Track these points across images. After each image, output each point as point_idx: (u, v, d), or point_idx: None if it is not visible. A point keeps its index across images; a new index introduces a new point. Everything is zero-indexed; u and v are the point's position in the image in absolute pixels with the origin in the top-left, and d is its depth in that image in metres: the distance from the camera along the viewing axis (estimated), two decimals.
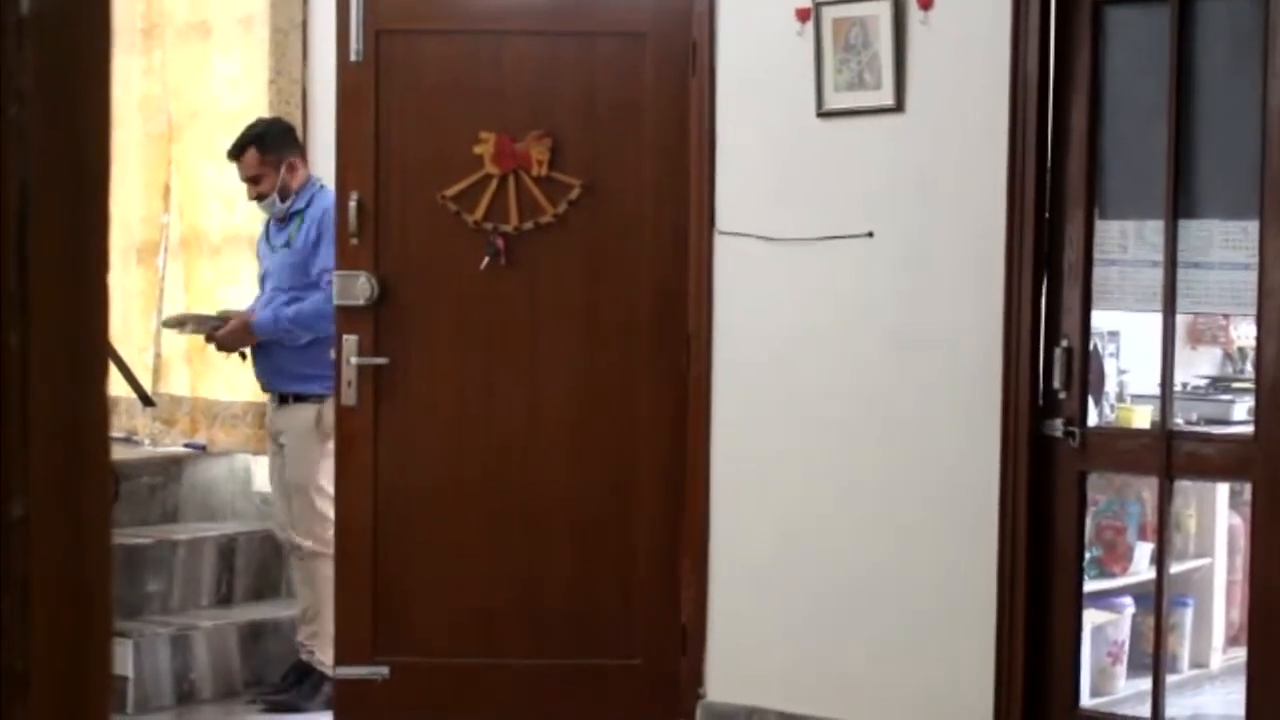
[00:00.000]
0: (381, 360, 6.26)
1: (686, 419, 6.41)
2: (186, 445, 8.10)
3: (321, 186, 6.92)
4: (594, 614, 6.43)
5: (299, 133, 7.62)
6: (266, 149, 6.99)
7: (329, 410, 6.62)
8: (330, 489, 6.56)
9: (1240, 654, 6.32)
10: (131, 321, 8.27)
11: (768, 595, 6.33)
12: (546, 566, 6.40)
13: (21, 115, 1.11)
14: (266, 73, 7.82)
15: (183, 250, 8.17)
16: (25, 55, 1.12)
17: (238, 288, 7.88)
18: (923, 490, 5.96)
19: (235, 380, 7.84)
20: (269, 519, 7.49)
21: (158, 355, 8.18)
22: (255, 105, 7.84)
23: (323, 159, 6.97)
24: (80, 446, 1.15)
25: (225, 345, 7.04)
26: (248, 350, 7.06)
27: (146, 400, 7.36)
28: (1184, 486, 6.78)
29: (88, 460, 1.16)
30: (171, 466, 7.92)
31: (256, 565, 7.70)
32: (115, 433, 7.04)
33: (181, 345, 8.09)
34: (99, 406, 1.17)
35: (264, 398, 7.44)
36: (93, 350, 1.17)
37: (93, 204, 1.16)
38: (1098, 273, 5.64)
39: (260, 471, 7.97)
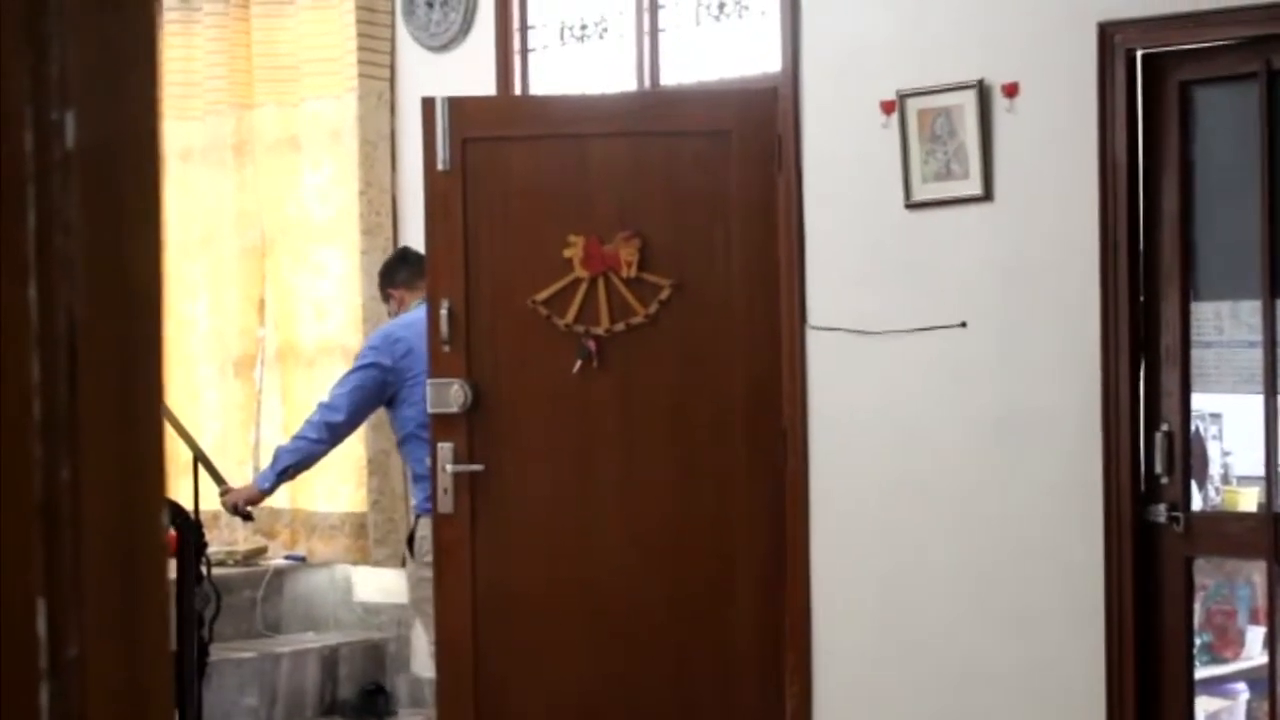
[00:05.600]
0: (477, 467, 6.23)
1: (784, 515, 6.36)
2: (287, 557, 8.11)
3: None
4: (698, 710, 6.36)
5: (391, 243, 7.68)
6: (381, 284, 7.13)
7: (421, 525, 6.67)
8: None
9: None
10: (230, 435, 8.32)
11: (872, 688, 6.26)
12: (647, 668, 6.34)
13: (68, 247, 1.10)
14: (357, 184, 7.87)
15: (279, 362, 8.22)
16: (71, 188, 1.11)
17: None
18: (1026, 580, 5.89)
19: (334, 491, 7.86)
20: (372, 629, 7.48)
21: (256, 468, 8.20)
22: (346, 216, 7.90)
23: None
24: (136, 581, 1.13)
25: (229, 504, 7.08)
26: (252, 509, 7.11)
27: (246, 516, 7.37)
28: None
29: (144, 595, 1.14)
30: (273, 579, 7.93)
31: (360, 675, 7.69)
32: (214, 547, 7.07)
33: None
34: (155, 538, 1.15)
35: (362, 507, 7.46)
36: (148, 481, 1.15)
37: (145, 331, 1.15)
38: (1195, 355, 5.58)
39: (361, 581, 7.98)
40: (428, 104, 6.20)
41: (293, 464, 6.92)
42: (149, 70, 1.17)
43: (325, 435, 6.87)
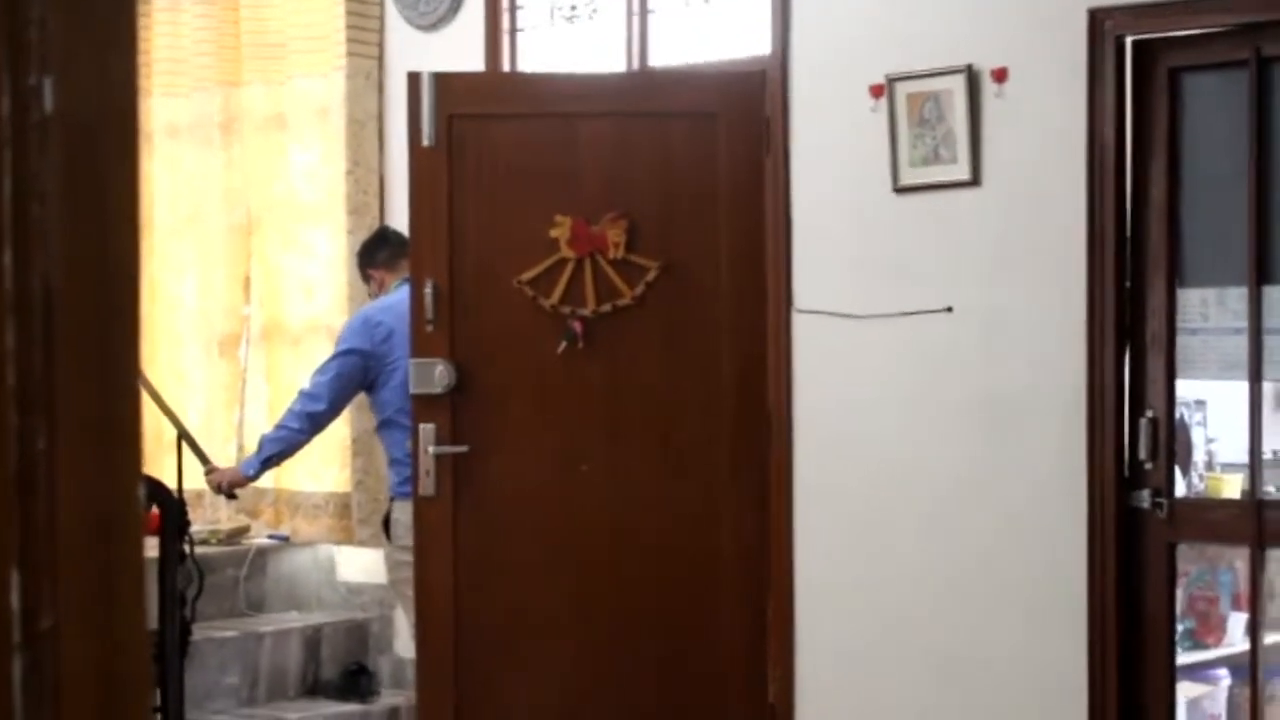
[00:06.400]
0: (461, 449, 6.22)
1: (769, 498, 6.36)
2: (270, 536, 8.10)
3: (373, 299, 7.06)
4: (681, 696, 6.36)
5: (378, 223, 7.67)
6: (360, 264, 7.14)
7: (396, 509, 6.69)
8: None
9: None
10: (215, 414, 8.30)
11: (855, 673, 6.26)
12: (630, 651, 6.34)
13: (45, 214, 1.09)
14: (344, 163, 7.85)
15: (264, 341, 8.20)
16: (49, 155, 1.10)
17: None
18: (1010, 565, 5.89)
19: (318, 471, 7.85)
20: (355, 609, 7.48)
21: (240, 448, 8.19)
22: (333, 196, 7.88)
23: None
24: (112, 552, 1.13)
25: (214, 483, 7.12)
26: (238, 491, 7.19)
27: (230, 495, 7.37)
28: (1277, 555, 6.66)
29: (121, 566, 1.13)
30: (256, 558, 7.92)
31: (343, 655, 7.68)
32: (197, 526, 7.06)
33: None
34: (131, 509, 1.14)
35: (346, 487, 7.46)
36: (124, 451, 1.14)
37: (122, 302, 1.14)
38: (1181, 341, 5.58)
39: (344, 561, 7.98)
40: (413, 78, 6.18)
41: (276, 453, 6.94)
42: (128, 40, 1.16)
43: (307, 425, 6.88)
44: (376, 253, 7.07)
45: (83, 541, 1.10)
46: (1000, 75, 5.91)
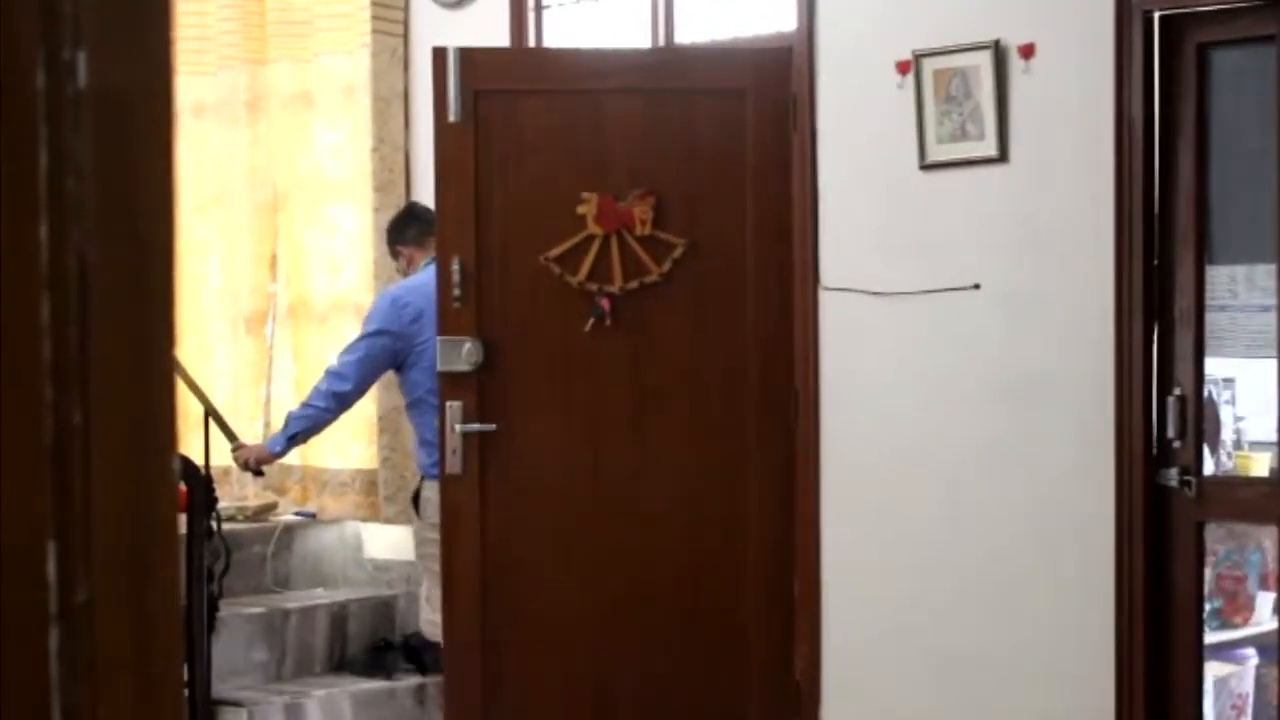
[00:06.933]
0: (489, 427, 6.21)
1: (795, 475, 6.36)
2: (297, 513, 8.12)
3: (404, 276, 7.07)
4: (707, 672, 6.36)
5: (404, 201, 7.67)
6: (390, 241, 7.14)
7: (426, 488, 6.71)
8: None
9: None
10: (242, 391, 8.31)
11: (881, 650, 6.26)
12: (658, 626, 6.34)
13: (80, 189, 1.09)
14: (369, 141, 7.85)
15: (290, 319, 8.21)
16: (83, 129, 1.10)
17: None
18: (1038, 543, 5.88)
19: (344, 448, 7.87)
20: (381, 585, 7.50)
21: (267, 425, 8.20)
22: (359, 174, 7.88)
23: None
24: (146, 526, 1.13)
25: (241, 459, 7.16)
26: (264, 468, 7.28)
27: (258, 473, 7.39)
28: None
29: (154, 540, 1.13)
30: (283, 535, 7.94)
31: (369, 632, 7.70)
32: (224, 503, 7.08)
33: None
34: (165, 483, 1.14)
35: (373, 464, 7.49)
36: (158, 426, 1.14)
37: (156, 278, 1.14)
38: (1209, 319, 5.56)
39: (371, 538, 7.99)
40: (439, 54, 6.17)
41: (302, 430, 6.97)
42: (163, 14, 1.16)
43: (333, 404, 6.90)
44: (405, 229, 7.07)
45: (117, 515, 1.10)
46: (1027, 51, 5.89)
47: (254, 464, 7.15)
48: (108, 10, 1.11)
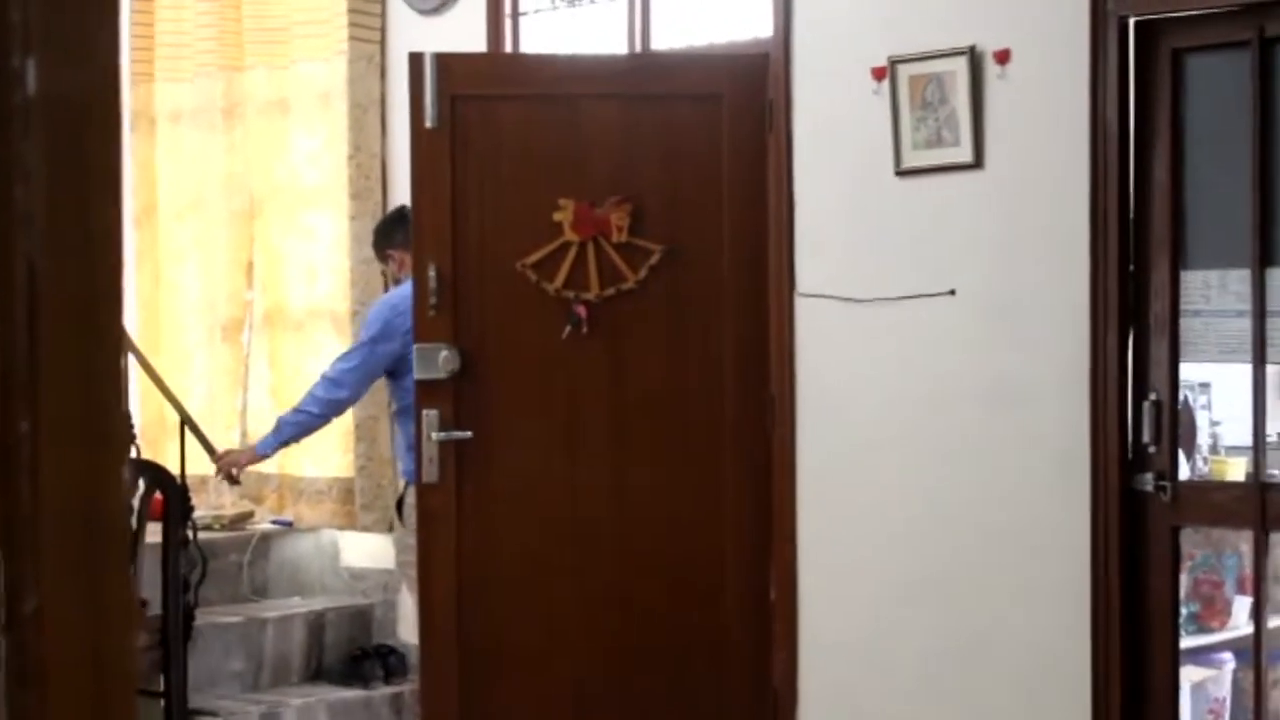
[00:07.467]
0: (465, 434, 6.20)
1: (771, 481, 6.35)
2: (274, 522, 8.10)
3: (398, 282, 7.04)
4: (685, 679, 6.36)
5: (380, 208, 7.67)
6: (378, 245, 7.12)
7: (410, 494, 6.68)
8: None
9: None
10: (218, 399, 8.30)
11: (857, 657, 6.26)
12: (635, 634, 6.34)
13: (28, 196, 1.09)
14: (346, 148, 7.84)
15: (267, 326, 8.19)
16: (32, 136, 1.09)
17: (320, 362, 7.89)
18: (1013, 549, 5.88)
19: (321, 456, 7.85)
20: (358, 594, 7.49)
21: (244, 433, 8.19)
22: (335, 180, 7.87)
23: None
24: (96, 534, 1.12)
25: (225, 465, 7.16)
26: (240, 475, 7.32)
27: (233, 480, 7.37)
28: None
29: (106, 548, 1.13)
30: (259, 543, 7.93)
31: (346, 641, 7.68)
32: (201, 511, 7.06)
33: (268, 422, 8.11)
34: (115, 490, 1.14)
35: (349, 473, 7.48)
36: (109, 433, 1.13)
37: (105, 285, 1.13)
38: (1184, 324, 5.57)
39: (348, 547, 7.99)
40: (415, 59, 6.16)
41: (292, 436, 6.99)
42: (110, 25, 1.15)
43: (328, 411, 6.92)
44: (394, 233, 7.05)
45: (67, 524, 1.10)
46: (1003, 57, 5.89)
47: (243, 464, 7.17)
48: (55, 18, 1.10)
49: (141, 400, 8.04)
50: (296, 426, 6.96)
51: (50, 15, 1.10)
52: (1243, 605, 6.78)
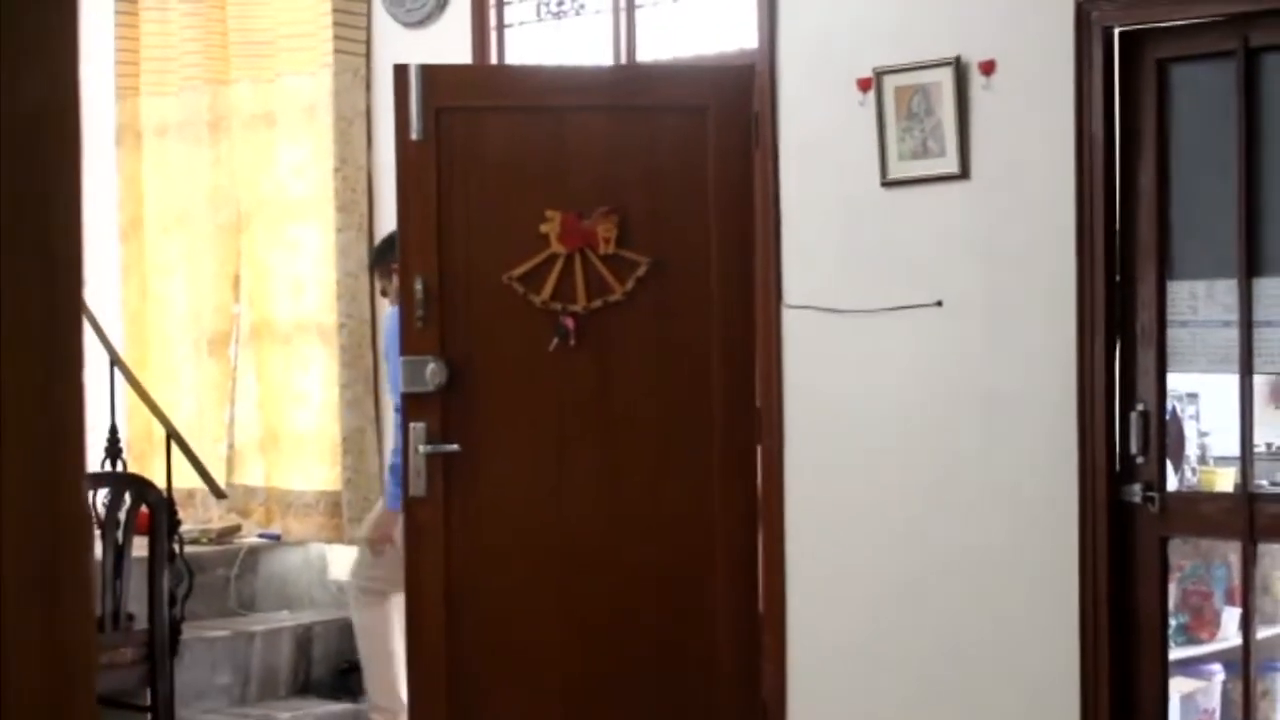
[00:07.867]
0: (453, 448, 6.18)
1: (759, 493, 6.34)
2: (261, 536, 8.08)
3: None
4: (674, 692, 6.34)
5: (366, 220, 7.66)
6: (382, 261, 7.09)
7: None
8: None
9: None
10: (205, 413, 8.28)
11: (846, 668, 6.25)
12: (625, 645, 6.32)
13: None
14: (332, 160, 7.83)
15: (254, 340, 8.18)
16: None
17: (307, 376, 7.88)
18: (1001, 560, 5.87)
19: (309, 470, 7.84)
20: (346, 607, 7.46)
21: (230, 446, 8.17)
22: (322, 193, 7.86)
23: None
24: (57, 548, 1.11)
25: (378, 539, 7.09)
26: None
27: (218, 493, 7.35)
28: (1272, 549, 6.65)
29: (66, 562, 1.11)
30: (247, 557, 7.91)
31: (334, 654, 7.66)
32: (188, 525, 7.04)
33: (255, 435, 8.09)
34: (76, 505, 1.12)
35: (337, 486, 7.45)
36: (69, 450, 1.12)
37: (65, 298, 1.12)
38: (1171, 334, 5.56)
39: (335, 560, 7.96)
40: (400, 71, 6.15)
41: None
42: (69, 38, 1.14)
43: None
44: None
45: (27, 537, 1.08)
46: (988, 68, 5.89)
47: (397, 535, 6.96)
48: (15, 34, 1.09)
49: (128, 414, 8.02)
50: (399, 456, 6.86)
51: (10, 30, 1.09)
52: (1232, 616, 6.77)
